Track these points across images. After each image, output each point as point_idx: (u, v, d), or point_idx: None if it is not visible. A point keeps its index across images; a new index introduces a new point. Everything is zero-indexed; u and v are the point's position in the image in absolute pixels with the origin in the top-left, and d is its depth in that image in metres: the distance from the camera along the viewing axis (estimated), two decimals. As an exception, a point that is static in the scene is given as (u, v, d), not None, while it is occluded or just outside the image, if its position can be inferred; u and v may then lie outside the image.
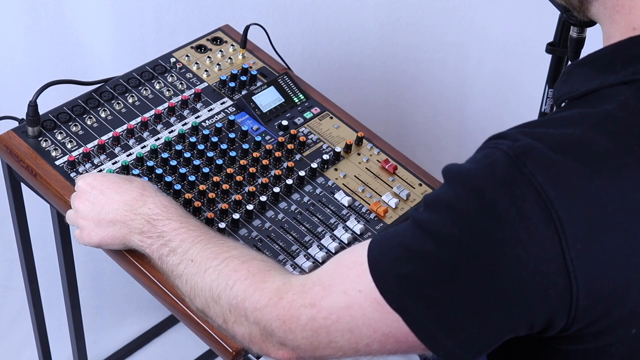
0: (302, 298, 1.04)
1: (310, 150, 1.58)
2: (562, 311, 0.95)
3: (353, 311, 1.00)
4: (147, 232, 1.28)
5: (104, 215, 1.31)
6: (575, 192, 0.93)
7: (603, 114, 0.97)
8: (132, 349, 2.25)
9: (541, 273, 0.92)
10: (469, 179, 0.96)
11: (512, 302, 0.94)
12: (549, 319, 0.96)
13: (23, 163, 1.48)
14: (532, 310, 0.95)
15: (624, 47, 1.01)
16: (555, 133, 0.96)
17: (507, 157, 0.94)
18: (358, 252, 1.03)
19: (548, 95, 1.76)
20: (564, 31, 1.67)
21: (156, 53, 1.71)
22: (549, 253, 0.92)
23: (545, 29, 1.86)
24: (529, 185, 0.92)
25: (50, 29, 2.09)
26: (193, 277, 1.19)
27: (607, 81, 1.00)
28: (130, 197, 1.30)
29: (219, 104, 1.62)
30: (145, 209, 1.29)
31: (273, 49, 1.73)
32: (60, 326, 2.08)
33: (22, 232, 1.70)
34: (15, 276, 2.23)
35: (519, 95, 2.35)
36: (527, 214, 0.92)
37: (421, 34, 2.27)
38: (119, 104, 1.58)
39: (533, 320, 0.96)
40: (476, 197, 0.94)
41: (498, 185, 0.93)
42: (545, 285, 0.93)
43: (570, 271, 0.92)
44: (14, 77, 2.12)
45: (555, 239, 0.92)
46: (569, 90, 1.04)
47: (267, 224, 1.45)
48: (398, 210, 1.51)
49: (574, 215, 0.92)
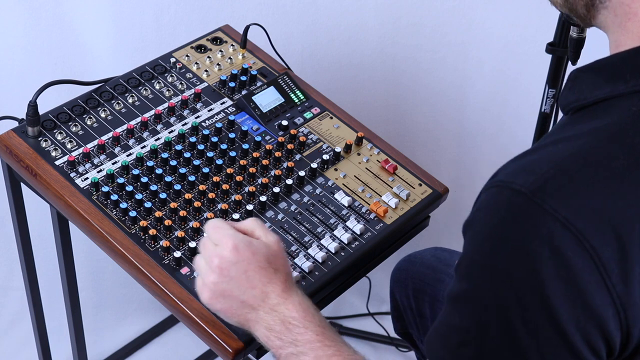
0: None
1: (310, 150, 1.58)
2: (616, 338, 0.93)
3: None
4: (279, 333, 1.19)
5: (238, 294, 1.20)
6: (601, 217, 0.90)
7: (616, 127, 0.94)
8: (132, 349, 2.25)
9: (590, 306, 0.91)
10: (489, 231, 0.93)
11: (574, 343, 0.92)
12: (608, 347, 0.94)
13: (23, 163, 1.48)
14: (592, 343, 0.93)
15: (634, 55, 0.99)
16: (565, 152, 0.93)
17: (521, 196, 0.91)
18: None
19: (548, 95, 1.76)
20: (564, 31, 1.67)
21: (156, 53, 1.71)
22: (592, 284, 0.90)
23: (545, 29, 1.86)
24: (554, 221, 0.90)
25: (50, 29, 2.09)
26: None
27: (617, 90, 0.98)
28: (272, 290, 1.19)
29: (219, 104, 1.62)
30: (284, 308, 1.18)
31: (273, 49, 1.73)
32: (60, 326, 2.08)
33: (22, 232, 1.70)
34: (15, 276, 2.23)
35: (519, 95, 2.35)
36: (560, 250, 0.90)
37: (421, 34, 2.27)
38: (119, 104, 1.58)
39: (596, 348, 0.94)
40: (503, 248, 0.92)
41: (522, 229, 0.91)
42: (597, 316, 0.91)
43: (615, 297, 0.91)
44: (14, 77, 2.12)
45: (594, 269, 0.90)
46: (576, 98, 1.02)
47: (267, 224, 1.45)
48: (398, 210, 1.51)
49: (605, 241, 0.90)
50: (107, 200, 1.44)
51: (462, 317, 0.96)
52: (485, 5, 2.24)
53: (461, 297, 0.96)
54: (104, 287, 2.30)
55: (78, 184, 1.45)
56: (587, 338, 0.93)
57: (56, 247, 1.61)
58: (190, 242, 1.39)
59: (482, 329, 0.94)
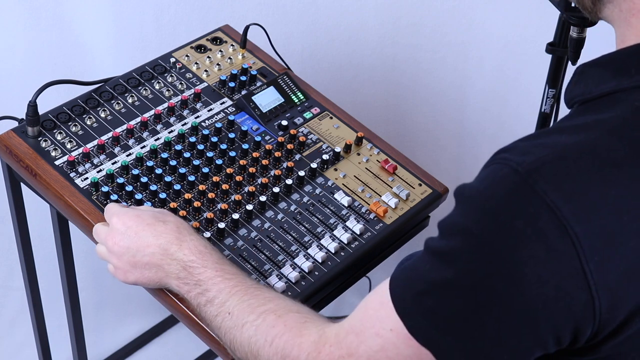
0: (339, 349, 1.05)
1: (310, 150, 1.58)
2: (587, 324, 0.94)
3: (388, 352, 1.01)
4: (184, 279, 1.26)
5: (139, 258, 1.28)
6: (590, 204, 0.92)
7: (618, 120, 0.96)
8: (132, 349, 2.25)
9: (563, 289, 0.92)
10: (481, 202, 0.95)
11: (538, 322, 0.94)
12: (575, 333, 0.95)
13: (23, 163, 1.48)
14: (558, 327, 0.94)
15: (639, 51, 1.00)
16: (568, 141, 0.95)
17: (517, 175, 0.93)
18: (382, 291, 1.03)
19: (548, 95, 1.76)
20: (564, 31, 1.67)
21: (156, 53, 1.71)
22: (569, 268, 0.91)
23: (545, 29, 1.86)
24: (542, 203, 0.91)
25: (50, 29, 2.09)
26: (231, 330, 1.19)
27: (622, 85, 0.98)
28: (166, 241, 1.27)
29: (219, 104, 1.62)
30: (181, 254, 1.26)
31: (273, 49, 1.73)
32: (60, 326, 2.08)
33: (22, 232, 1.70)
34: (15, 276, 2.23)
35: (519, 95, 2.35)
36: (543, 232, 0.91)
37: (421, 34, 2.27)
38: (118, 104, 1.58)
39: (560, 336, 0.95)
40: (490, 220, 0.93)
41: (511, 206, 0.93)
42: (568, 300, 0.92)
43: (591, 284, 0.92)
44: (14, 77, 2.12)
45: (573, 254, 0.91)
46: (582, 91, 1.03)
47: (267, 224, 1.45)
48: (398, 210, 1.51)
49: (589, 228, 0.91)
50: (107, 200, 1.44)
51: (433, 269, 0.98)
52: (485, 5, 2.24)
53: (438, 251, 0.98)
54: (104, 287, 2.30)
55: (78, 184, 1.45)
56: (553, 320, 0.93)
57: (56, 247, 1.61)
58: (190, 242, 1.39)
59: (448, 287, 0.96)
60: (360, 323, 1.04)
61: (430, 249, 1.00)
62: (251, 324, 1.16)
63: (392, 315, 1.00)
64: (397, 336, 1.00)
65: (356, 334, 1.04)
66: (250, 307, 1.19)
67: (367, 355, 1.03)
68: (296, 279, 1.38)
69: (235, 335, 1.18)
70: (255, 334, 1.15)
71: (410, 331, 0.98)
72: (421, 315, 0.98)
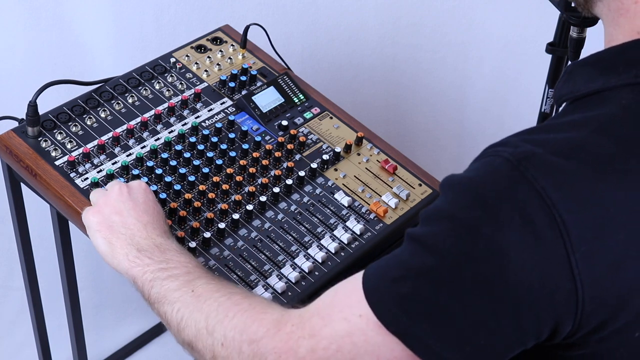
0: (300, 329, 1.01)
1: (310, 150, 1.58)
2: (569, 316, 0.94)
3: (355, 338, 0.98)
4: (149, 252, 1.26)
5: (122, 218, 1.30)
6: (579, 195, 0.92)
7: (606, 117, 0.96)
8: (132, 349, 2.25)
9: (547, 277, 0.92)
10: (469, 188, 0.95)
11: (518, 309, 0.93)
12: (555, 325, 0.95)
13: (23, 163, 1.48)
14: (539, 316, 0.94)
15: (627, 49, 1.01)
16: (557, 138, 0.95)
17: (508, 163, 0.93)
18: (356, 278, 1.00)
19: (548, 95, 1.76)
20: (564, 31, 1.67)
21: (156, 53, 1.71)
22: (554, 256, 0.91)
23: (545, 29, 1.86)
24: (531, 189, 0.91)
25: (50, 29, 2.09)
26: (188, 305, 1.16)
27: (609, 83, 0.99)
28: (152, 226, 1.30)
29: (219, 104, 1.62)
30: (161, 239, 1.28)
31: (273, 49, 1.73)
32: (60, 326, 2.08)
33: (22, 232, 1.70)
34: (15, 276, 2.23)
35: (519, 95, 2.35)
36: (531, 218, 0.91)
37: (421, 34, 2.27)
38: (118, 104, 1.58)
39: (540, 326, 0.95)
40: (478, 205, 0.93)
41: (500, 192, 0.92)
42: (551, 289, 0.92)
43: (576, 274, 0.92)
44: (14, 77, 2.12)
45: (560, 242, 0.91)
46: (570, 90, 1.04)
47: (267, 224, 1.45)
48: (398, 210, 1.51)
49: (578, 218, 0.91)
50: (107, 200, 1.44)
51: (413, 255, 0.96)
52: (485, 5, 2.24)
53: (419, 238, 0.96)
54: (104, 287, 2.30)
55: (78, 184, 1.45)
56: (535, 307, 0.93)
57: (56, 247, 1.61)
58: (190, 242, 1.39)
59: (428, 273, 0.94)
60: (327, 306, 1.01)
61: (410, 236, 0.98)
62: (215, 300, 1.14)
63: (363, 301, 0.97)
64: (366, 323, 0.97)
65: (321, 317, 1.00)
66: (216, 287, 1.17)
67: (330, 339, 0.99)
68: (296, 279, 1.38)
69: (192, 310, 1.15)
70: (217, 308, 1.12)
71: (381, 320, 0.95)
72: (395, 303, 0.95)
